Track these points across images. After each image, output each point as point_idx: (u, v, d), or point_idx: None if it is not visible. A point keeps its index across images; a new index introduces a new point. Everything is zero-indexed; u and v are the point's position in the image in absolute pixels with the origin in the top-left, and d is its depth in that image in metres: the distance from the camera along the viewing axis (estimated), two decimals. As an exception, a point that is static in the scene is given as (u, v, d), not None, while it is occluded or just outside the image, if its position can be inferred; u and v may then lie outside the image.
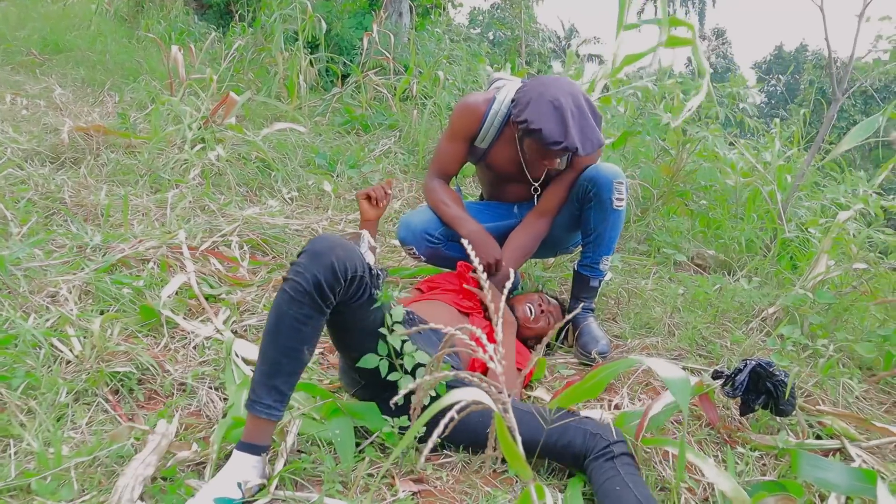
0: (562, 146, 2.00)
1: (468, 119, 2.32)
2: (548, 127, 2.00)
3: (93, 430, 1.66)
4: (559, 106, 2.02)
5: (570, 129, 2.01)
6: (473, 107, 2.31)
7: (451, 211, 2.34)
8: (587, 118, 2.06)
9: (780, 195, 3.37)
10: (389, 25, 6.87)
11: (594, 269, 2.36)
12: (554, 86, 2.08)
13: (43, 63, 6.54)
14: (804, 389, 2.15)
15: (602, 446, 1.54)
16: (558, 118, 2.01)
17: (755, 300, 2.69)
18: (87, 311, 2.10)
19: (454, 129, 2.35)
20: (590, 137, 2.05)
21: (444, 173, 2.42)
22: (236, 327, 2.22)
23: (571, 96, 2.06)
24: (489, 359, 0.74)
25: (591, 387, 1.55)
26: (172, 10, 9.32)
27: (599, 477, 1.50)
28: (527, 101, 2.05)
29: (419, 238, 2.37)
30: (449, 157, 2.39)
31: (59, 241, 2.56)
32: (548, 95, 2.03)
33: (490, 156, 2.36)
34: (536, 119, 2.01)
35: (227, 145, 3.72)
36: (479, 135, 2.32)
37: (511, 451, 0.69)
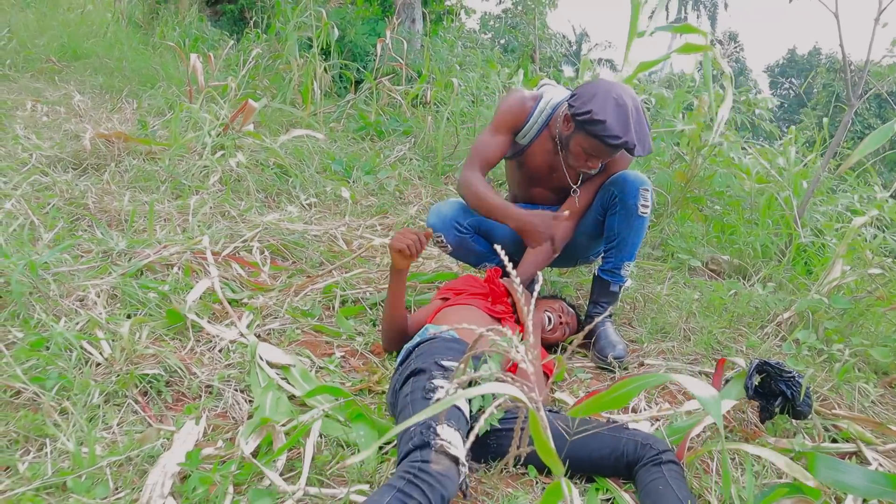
0: (621, 141, 2.05)
1: (517, 111, 2.35)
2: (612, 120, 2.05)
3: (124, 431, 1.70)
4: (623, 104, 2.08)
5: (630, 127, 2.06)
6: (522, 101, 2.36)
7: (492, 202, 2.31)
8: (644, 122, 2.13)
9: (796, 201, 3.39)
10: (402, 32, 6.93)
11: (615, 274, 2.39)
12: (617, 86, 2.14)
13: (62, 70, 6.62)
14: (820, 394, 2.17)
15: (652, 454, 1.61)
16: (622, 115, 2.06)
17: (770, 305, 2.71)
18: (115, 314, 2.15)
19: (501, 120, 2.37)
20: (644, 141, 2.12)
21: (485, 163, 2.37)
22: (259, 331, 2.26)
23: (632, 99, 2.13)
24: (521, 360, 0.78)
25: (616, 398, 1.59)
26: (187, 17, 9.43)
27: (645, 478, 1.57)
28: (592, 94, 2.10)
29: (448, 226, 2.42)
30: (492, 147, 2.36)
31: (85, 247, 2.61)
32: (613, 93, 2.09)
33: (527, 153, 2.40)
34: (601, 111, 2.05)
35: (246, 152, 3.77)
36: (522, 129, 2.36)
37: (544, 447, 0.72)
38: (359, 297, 2.59)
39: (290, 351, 2.16)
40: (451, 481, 1.38)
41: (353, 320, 2.44)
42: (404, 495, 1.30)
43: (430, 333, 1.93)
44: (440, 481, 1.35)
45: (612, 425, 1.70)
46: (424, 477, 1.34)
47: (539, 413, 0.75)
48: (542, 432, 0.71)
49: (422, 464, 1.37)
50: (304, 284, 2.60)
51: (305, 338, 2.28)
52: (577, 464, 1.67)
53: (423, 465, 1.36)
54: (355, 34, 7.35)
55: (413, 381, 1.67)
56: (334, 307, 2.51)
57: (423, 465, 1.37)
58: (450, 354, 1.79)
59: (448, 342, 1.88)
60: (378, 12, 7.97)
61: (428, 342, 1.86)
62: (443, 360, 1.75)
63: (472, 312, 2.10)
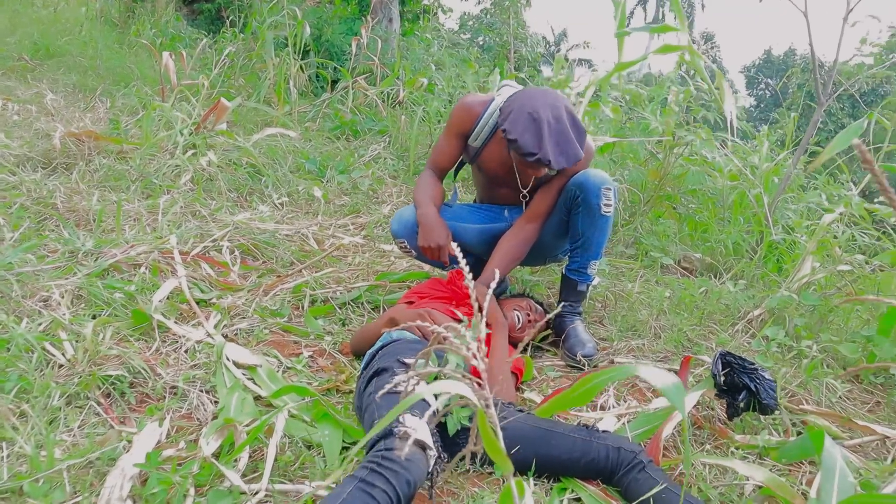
0: (535, 158, 2.05)
1: (464, 116, 2.38)
2: (523, 138, 2.05)
3: (85, 434, 1.67)
4: (537, 118, 2.06)
5: (544, 141, 2.05)
6: (470, 106, 2.38)
7: (418, 194, 2.40)
8: (565, 132, 2.10)
9: (767, 198, 3.41)
10: (379, 31, 6.91)
11: (582, 273, 2.39)
12: (537, 98, 2.12)
13: (34, 68, 6.53)
14: (788, 390, 2.18)
15: (629, 459, 1.60)
16: (535, 130, 2.05)
17: (741, 302, 2.72)
18: (79, 315, 2.12)
19: (450, 125, 2.42)
20: (565, 151, 2.09)
21: (436, 166, 2.48)
22: (227, 331, 2.23)
23: (552, 109, 2.10)
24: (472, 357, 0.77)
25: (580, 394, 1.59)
26: (163, 16, 9.34)
27: (641, 488, 1.55)
28: (509, 111, 2.10)
29: (411, 231, 2.41)
30: (442, 151, 2.45)
31: (52, 247, 2.57)
32: (528, 107, 2.08)
33: (482, 157, 2.41)
34: (513, 129, 2.06)
35: (218, 151, 3.74)
36: (472, 133, 2.37)
37: (493, 446, 0.72)
38: (328, 296, 2.57)
39: (258, 351, 2.14)
40: (416, 466, 1.37)
41: (321, 320, 2.42)
42: (367, 484, 1.29)
43: (393, 337, 1.93)
44: (405, 466, 1.34)
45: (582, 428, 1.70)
46: (388, 464, 1.33)
47: (488, 411, 0.74)
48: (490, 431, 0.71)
49: (385, 451, 1.36)
50: (273, 284, 2.57)
51: (273, 338, 2.26)
52: (546, 465, 1.67)
53: (386, 453, 1.35)
54: (332, 33, 7.31)
55: (376, 381, 1.66)
56: (304, 307, 2.49)
57: (387, 452, 1.36)
58: (411, 354, 1.79)
59: (410, 343, 1.88)
60: (355, 11, 7.94)
61: (390, 344, 1.86)
62: (405, 358, 1.74)
63: (434, 316, 2.09)
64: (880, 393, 2.34)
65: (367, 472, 1.32)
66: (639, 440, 1.83)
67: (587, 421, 1.89)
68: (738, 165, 3.49)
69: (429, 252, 2.33)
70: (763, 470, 1.57)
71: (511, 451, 1.65)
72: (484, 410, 0.71)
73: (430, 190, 2.40)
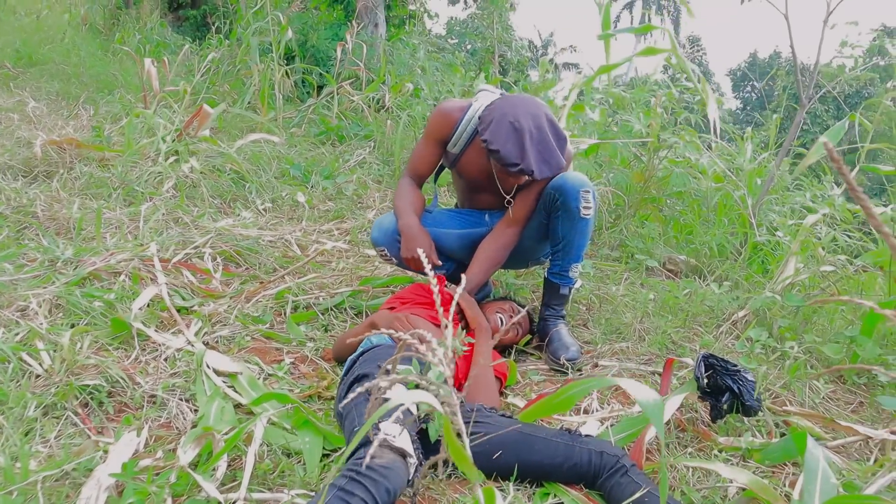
0: (518, 168, 2.04)
1: (442, 122, 2.36)
2: (506, 148, 2.03)
3: (62, 444, 1.65)
4: (519, 128, 2.05)
5: (527, 151, 2.04)
6: (448, 111, 2.36)
7: (399, 203, 2.39)
8: (547, 141, 2.09)
9: (751, 199, 3.42)
10: (365, 36, 6.90)
11: (563, 276, 2.39)
12: (518, 106, 2.11)
13: (17, 76, 6.49)
14: (772, 391, 2.18)
15: (612, 463, 1.59)
16: (517, 140, 2.04)
17: (725, 304, 2.72)
18: (57, 324, 2.09)
19: (428, 131, 2.41)
20: (547, 160, 2.08)
21: (415, 173, 2.46)
22: (208, 339, 2.21)
23: (533, 118, 2.09)
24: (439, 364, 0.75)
25: (562, 401, 1.60)
26: (148, 23, 9.30)
27: (624, 492, 1.53)
28: (490, 121, 2.09)
29: (391, 239, 2.39)
30: (421, 157, 2.44)
31: (31, 255, 2.55)
32: (509, 116, 2.07)
33: (461, 162, 2.40)
34: (495, 140, 2.04)
35: (200, 157, 3.71)
36: (451, 139, 2.35)
37: (458, 453, 0.70)
38: (311, 302, 2.56)
39: (239, 358, 2.12)
40: (395, 474, 1.35)
41: (304, 326, 2.40)
42: (346, 493, 1.27)
43: (373, 342, 1.91)
44: (384, 475, 1.33)
45: (565, 432, 1.69)
46: (367, 472, 1.31)
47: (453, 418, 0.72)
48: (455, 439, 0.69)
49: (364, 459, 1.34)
50: (255, 290, 2.55)
51: (255, 344, 2.24)
52: (528, 470, 1.66)
53: (370, 463, 1.34)
54: (318, 39, 7.29)
55: (356, 387, 1.64)
56: (286, 313, 2.47)
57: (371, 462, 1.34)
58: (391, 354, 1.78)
59: (390, 349, 1.86)
60: (341, 17, 7.93)
61: (371, 350, 1.85)
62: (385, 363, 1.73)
63: (415, 322, 2.08)
64: (863, 393, 2.35)
65: (346, 480, 1.30)
66: (622, 444, 1.82)
67: (570, 425, 1.88)
68: (722, 167, 3.50)
69: (412, 262, 2.32)
70: (746, 472, 1.56)
71: (493, 456, 1.64)
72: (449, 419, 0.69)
73: (410, 198, 2.39)
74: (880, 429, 2.00)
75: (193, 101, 5.58)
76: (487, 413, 1.73)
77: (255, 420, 1.66)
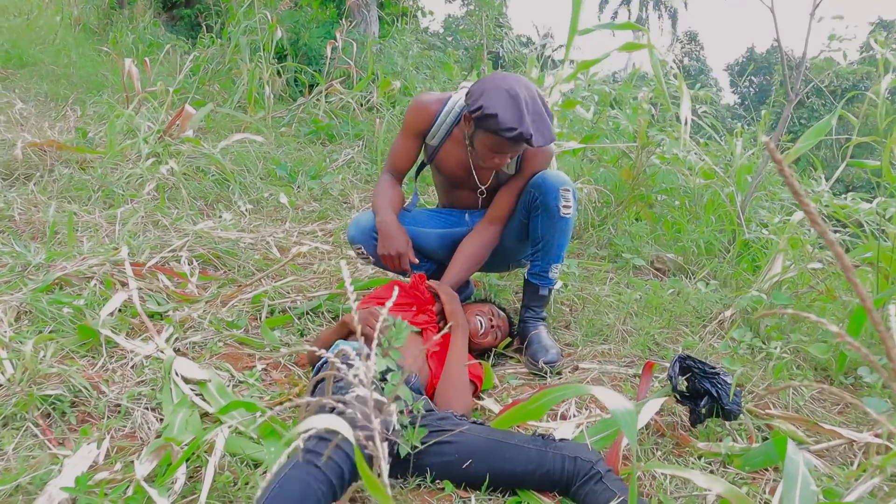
0: (517, 132, 1.97)
1: (419, 115, 2.33)
2: (504, 113, 1.98)
3: (20, 457, 1.61)
4: (515, 95, 2.00)
5: (525, 117, 1.99)
6: (426, 103, 2.33)
7: (377, 200, 2.35)
8: (541, 112, 2.05)
9: (740, 196, 3.37)
10: (357, 35, 6.84)
11: (543, 277, 2.34)
12: (510, 78, 2.08)
13: (6, 77, 6.44)
14: (755, 393, 2.13)
15: (586, 469, 1.54)
16: (514, 105, 1.99)
17: (710, 304, 2.67)
18: (23, 332, 2.05)
19: (406, 124, 2.37)
20: (542, 130, 2.03)
21: (394, 168, 2.42)
22: (179, 345, 2.17)
23: (527, 88, 2.06)
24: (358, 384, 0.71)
25: (535, 409, 1.56)
26: (141, 22, 9.25)
27: (598, 500, 1.49)
28: (482, 91, 2.04)
29: (367, 237, 2.35)
30: (400, 152, 2.40)
31: (3, 261, 2.50)
32: (504, 85, 2.03)
33: (439, 155, 2.35)
34: (492, 105, 1.99)
35: (183, 159, 3.67)
36: (430, 131, 2.32)
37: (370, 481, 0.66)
38: (287, 306, 2.51)
39: (210, 365, 2.07)
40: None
41: (279, 331, 2.35)
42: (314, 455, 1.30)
43: (341, 347, 1.87)
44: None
45: (538, 438, 1.64)
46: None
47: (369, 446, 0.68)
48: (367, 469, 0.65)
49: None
50: (231, 295, 2.51)
51: (227, 350, 2.19)
52: (500, 478, 1.61)
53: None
54: (310, 37, 7.24)
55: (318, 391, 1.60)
56: (262, 317, 2.42)
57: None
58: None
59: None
60: (334, 15, 7.88)
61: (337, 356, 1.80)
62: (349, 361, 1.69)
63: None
64: (850, 394, 2.29)
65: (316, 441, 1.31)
66: (599, 447, 1.78)
67: (545, 431, 1.83)
68: (710, 164, 3.44)
69: (388, 260, 2.28)
70: (722, 481, 1.50)
71: (463, 465, 1.59)
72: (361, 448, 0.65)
73: (388, 195, 2.35)
74: (865, 431, 1.95)
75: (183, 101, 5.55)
76: (457, 420, 1.68)
77: (213, 430, 1.61)
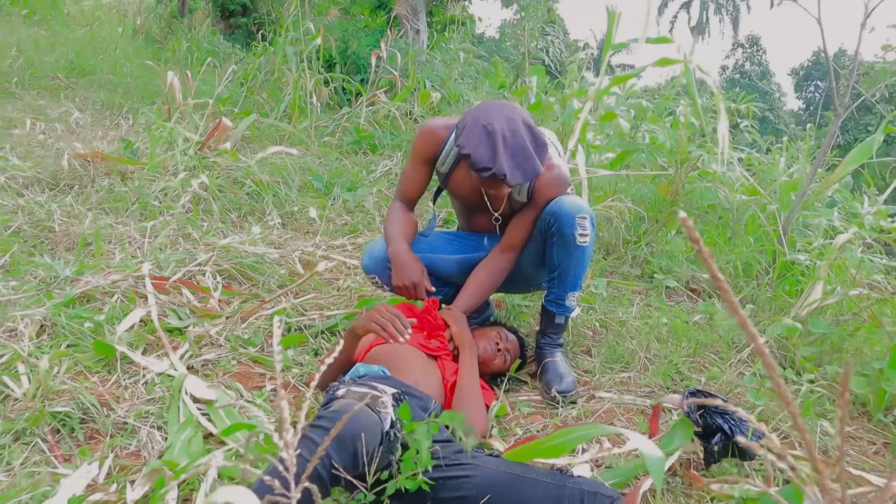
0: (490, 173, 1.91)
1: (427, 141, 2.29)
2: (477, 152, 1.92)
3: (27, 472, 1.64)
4: (492, 131, 1.93)
5: (499, 155, 1.91)
6: (433, 130, 2.28)
7: (388, 229, 2.31)
8: (523, 146, 1.96)
9: (785, 214, 3.22)
10: (402, 45, 6.85)
11: (560, 304, 2.27)
12: (492, 111, 2.00)
13: (67, 87, 6.67)
14: (781, 430, 2.02)
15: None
16: (489, 143, 1.92)
17: (736, 332, 2.54)
18: (43, 346, 2.09)
19: (414, 151, 2.33)
20: (522, 166, 1.95)
21: (403, 195, 2.39)
22: (193, 362, 2.18)
23: (508, 121, 1.97)
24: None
25: (552, 447, 1.51)
26: (199, 31, 9.49)
27: None
28: (463, 126, 1.99)
29: (381, 267, 2.31)
30: (409, 179, 2.36)
31: (37, 273, 2.57)
32: (482, 120, 1.96)
33: (451, 182, 2.31)
34: (467, 144, 1.94)
35: (220, 171, 3.72)
36: (439, 158, 2.28)
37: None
38: (305, 324, 2.50)
39: (220, 384, 2.08)
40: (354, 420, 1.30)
41: (293, 350, 2.34)
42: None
43: (361, 372, 1.84)
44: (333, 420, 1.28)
45: (555, 472, 1.59)
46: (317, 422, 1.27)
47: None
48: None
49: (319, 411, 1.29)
50: (251, 311, 2.52)
51: (240, 369, 2.20)
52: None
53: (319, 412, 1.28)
54: (359, 46, 7.29)
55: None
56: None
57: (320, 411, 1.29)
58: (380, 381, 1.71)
59: (378, 379, 1.79)
60: (384, 24, 7.92)
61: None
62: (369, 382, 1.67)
63: (406, 351, 1.99)
64: (890, 433, 2.16)
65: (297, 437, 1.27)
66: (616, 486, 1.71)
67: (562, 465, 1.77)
68: (751, 181, 3.30)
69: (404, 291, 2.23)
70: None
71: (480, 501, 1.55)
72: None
73: (400, 223, 2.31)
74: (898, 478, 1.83)
75: (230, 111, 5.65)
76: (474, 453, 1.64)
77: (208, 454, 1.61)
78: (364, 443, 1.34)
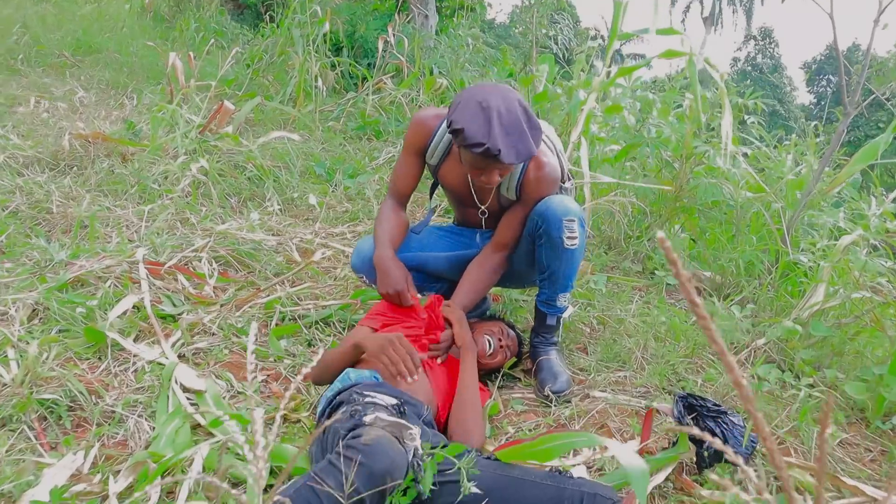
0: (483, 148, 1.85)
1: (417, 131, 2.24)
2: (470, 127, 1.86)
3: (12, 460, 1.62)
4: (486, 107, 1.88)
5: (494, 130, 1.85)
6: (423, 120, 2.24)
7: (376, 230, 2.26)
8: (518, 125, 1.90)
9: (788, 214, 3.17)
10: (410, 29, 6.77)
11: (551, 305, 2.23)
12: (487, 89, 1.97)
13: (73, 65, 6.63)
14: (777, 436, 1.99)
15: None
16: (483, 119, 1.87)
17: (741, 332, 2.50)
18: (34, 331, 2.08)
19: (405, 142, 2.29)
20: (516, 144, 1.89)
21: (395, 191, 2.34)
22: (185, 350, 2.16)
23: (504, 100, 1.92)
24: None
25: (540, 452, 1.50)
26: (207, 11, 9.42)
27: None
28: (457, 103, 1.94)
29: (369, 267, 2.26)
30: (401, 173, 2.32)
31: (32, 255, 2.55)
32: (478, 97, 1.91)
33: (441, 173, 2.27)
34: (460, 119, 1.88)
35: (220, 155, 3.69)
36: (429, 149, 2.23)
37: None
38: (300, 313, 2.48)
39: (211, 373, 2.06)
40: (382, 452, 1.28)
41: (286, 340, 2.32)
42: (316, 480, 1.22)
43: (352, 378, 1.81)
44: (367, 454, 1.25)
45: (554, 474, 1.57)
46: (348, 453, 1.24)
47: None
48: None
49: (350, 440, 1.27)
50: (246, 299, 2.50)
51: (232, 358, 2.18)
52: None
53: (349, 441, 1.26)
54: (366, 29, 7.23)
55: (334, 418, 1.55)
56: (273, 324, 2.40)
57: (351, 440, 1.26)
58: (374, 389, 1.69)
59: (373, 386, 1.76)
60: (392, 7, 7.84)
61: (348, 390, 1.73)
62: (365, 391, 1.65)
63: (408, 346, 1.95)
64: (887, 441, 2.12)
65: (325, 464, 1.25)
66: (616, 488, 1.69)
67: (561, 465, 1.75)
68: (756, 178, 3.25)
69: (388, 298, 2.18)
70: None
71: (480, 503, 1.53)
72: None
73: (388, 225, 2.26)
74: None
75: (235, 93, 5.61)
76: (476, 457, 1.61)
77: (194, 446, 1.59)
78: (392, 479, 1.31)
